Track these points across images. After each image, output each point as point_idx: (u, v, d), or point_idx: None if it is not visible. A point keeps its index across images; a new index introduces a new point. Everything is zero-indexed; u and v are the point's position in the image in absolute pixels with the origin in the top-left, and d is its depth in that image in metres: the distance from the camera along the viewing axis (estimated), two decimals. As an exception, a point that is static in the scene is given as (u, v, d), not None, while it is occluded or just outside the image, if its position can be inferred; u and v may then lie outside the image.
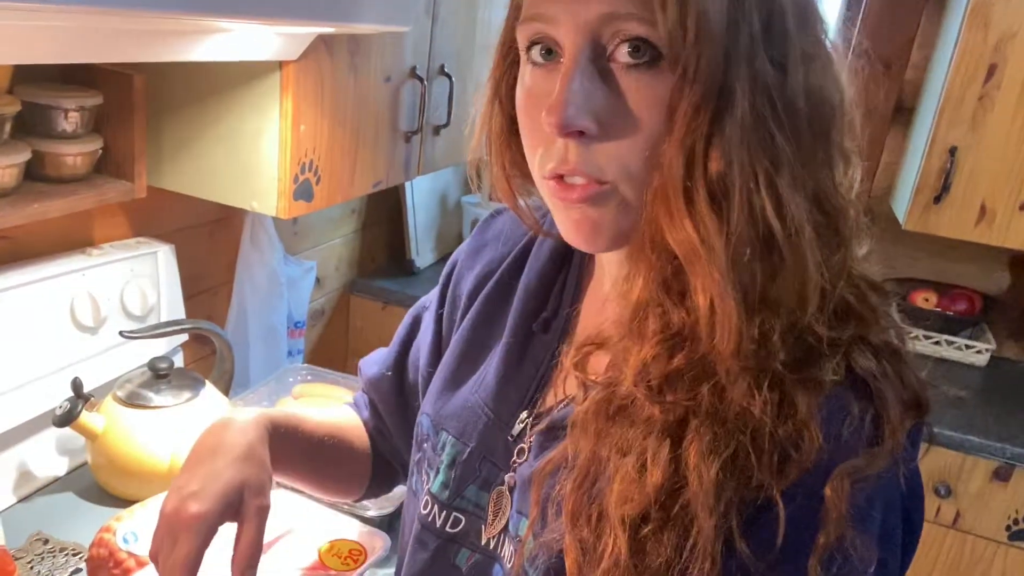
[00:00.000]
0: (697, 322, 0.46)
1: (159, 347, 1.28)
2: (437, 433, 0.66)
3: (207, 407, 1.16)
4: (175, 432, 1.10)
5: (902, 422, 0.47)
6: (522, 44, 0.51)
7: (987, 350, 1.99)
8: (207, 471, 0.61)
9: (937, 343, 2.00)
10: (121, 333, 1.14)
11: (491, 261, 0.70)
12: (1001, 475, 1.65)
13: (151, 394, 1.12)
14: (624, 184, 0.48)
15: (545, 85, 0.49)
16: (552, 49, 0.49)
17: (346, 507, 1.04)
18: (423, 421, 0.69)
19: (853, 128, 0.50)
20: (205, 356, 1.54)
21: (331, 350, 2.04)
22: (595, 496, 0.49)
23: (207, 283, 1.52)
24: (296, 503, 0.91)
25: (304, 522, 0.89)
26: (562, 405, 0.59)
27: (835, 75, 0.48)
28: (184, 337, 1.38)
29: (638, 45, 0.45)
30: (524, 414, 0.61)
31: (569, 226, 0.51)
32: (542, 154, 0.50)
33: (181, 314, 1.34)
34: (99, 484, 1.12)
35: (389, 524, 1.05)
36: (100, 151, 1.10)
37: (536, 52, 0.50)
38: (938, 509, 1.71)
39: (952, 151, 1.75)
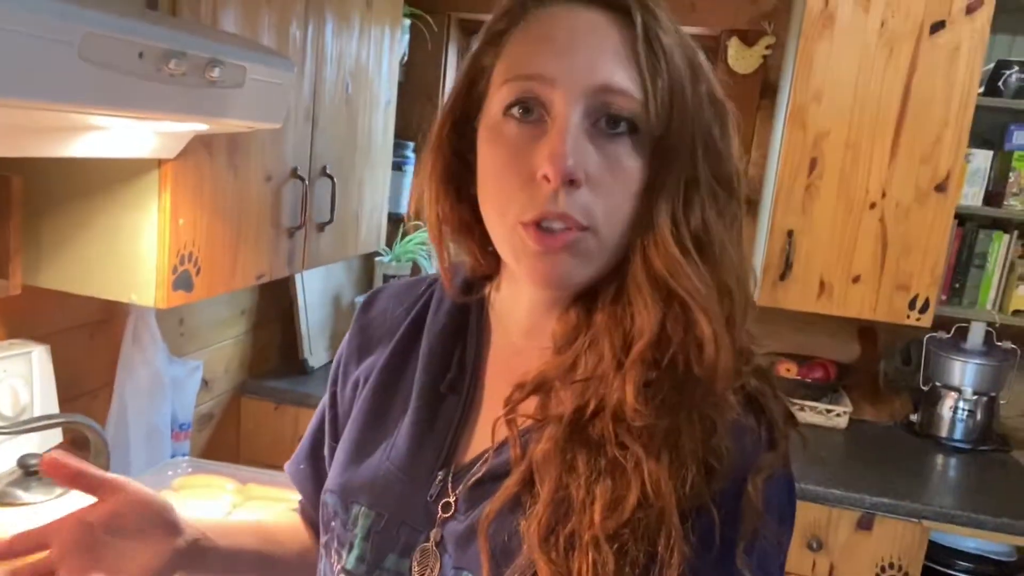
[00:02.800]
0: (681, 352, 0.53)
1: (32, 450, 1.26)
2: (347, 508, 0.66)
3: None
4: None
5: (786, 429, 0.58)
6: (502, 101, 0.56)
7: (845, 413, 2.17)
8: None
9: (802, 409, 2.17)
10: (-11, 428, 1.13)
11: (381, 336, 0.73)
12: (864, 524, 1.78)
13: (20, 492, 1.10)
14: (602, 231, 0.55)
15: (527, 140, 0.55)
16: (532, 108, 0.55)
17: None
18: (328, 500, 0.68)
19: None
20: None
21: (220, 454, 2.00)
22: (561, 521, 0.53)
23: (87, 385, 1.51)
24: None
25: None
26: (490, 455, 0.61)
27: (740, 165, 0.60)
28: (58, 439, 1.35)
29: (618, 119, 0.54)
30: (441, 473, 0.63)
31: (539, 271, 0.56)
32: (520, 204, 0.55)
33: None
34: (-42, 590, 1.06)
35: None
36: (-26, 250, 1.12)
37: (516, 110, 0.55)
38: (813, 564, 1.81)
39: (789, 234, 1.98)
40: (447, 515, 0.61)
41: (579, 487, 0.53)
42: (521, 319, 0.65)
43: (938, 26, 1.87)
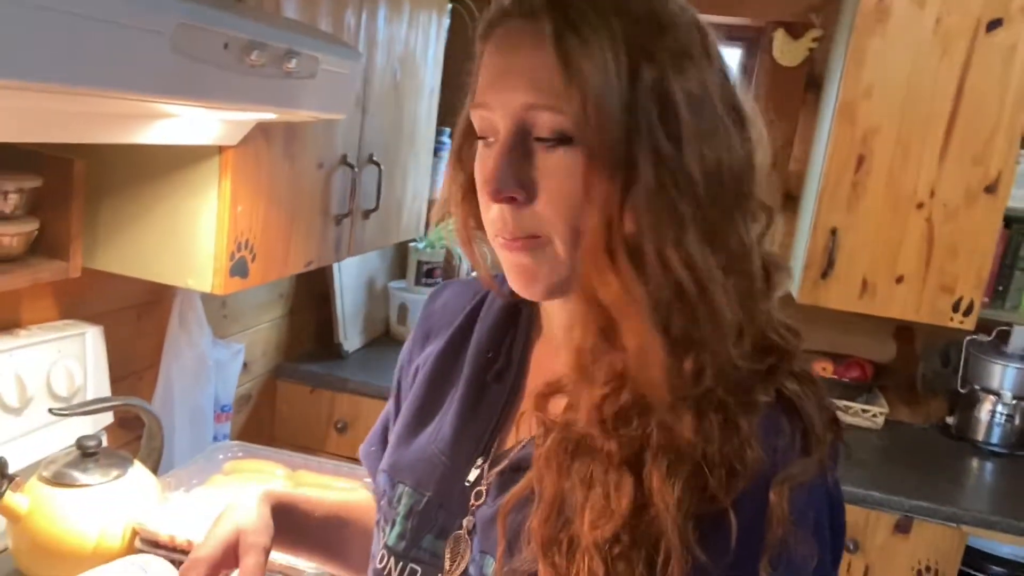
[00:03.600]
0: (628, 361, 0.53)
1: (84, 429, 1.27)
2: (394, 486, 0.69)
3: (136, 485, 1.15)
4: (103, 511, 1.09)
5: (825, 435, 0.56)
6: (476, 128, 0.59)
7: (881, 414, 2.15)
8: (211, 532, 0.72)
9: (838, 409, 2.15)
10: (51, 411, 1.13)
11: (441, 327, 0.76)
12: (902, 527, 1.77)
13: (78, 473, 1.11)
14: (554, 238, 0.56)
15: (488, 161, 0.57)
16: (488, 134, 0.58)
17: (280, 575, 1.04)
18: (379, 479, 0.72)
19: (764, 190, 0.58)
20: (129, 441, 1.51)
21: (257, 436, 2.02)
22: (563, 525, 0.54)
23: (133, 366, 1.52)
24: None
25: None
26: (520, 447, 0.63)
27: (738, 147, 0.56)
28: (109, 420, 1.36)
29: (549, 130, 0.54)
30: (480, 460, 0.65)
31: (511, 273, 0.59)
32: (490, 220, 0.58)
33: (108, 395, 1.33)
34: (20, 570, 1.08)
35: (325, 589, 1.05)
36: (36, 232, 1.12)
37: (480, 135, 0.59)
38: (849, 565, 1.80)
39: (833, 232, 1.95)
40: (479, 502, 0.64)
41: (577, 493, 0.54)
42: (560, 315, 0.66)
43: (995, 24, 1.83)
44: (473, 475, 0.65)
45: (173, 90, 0.70)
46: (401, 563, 0.66)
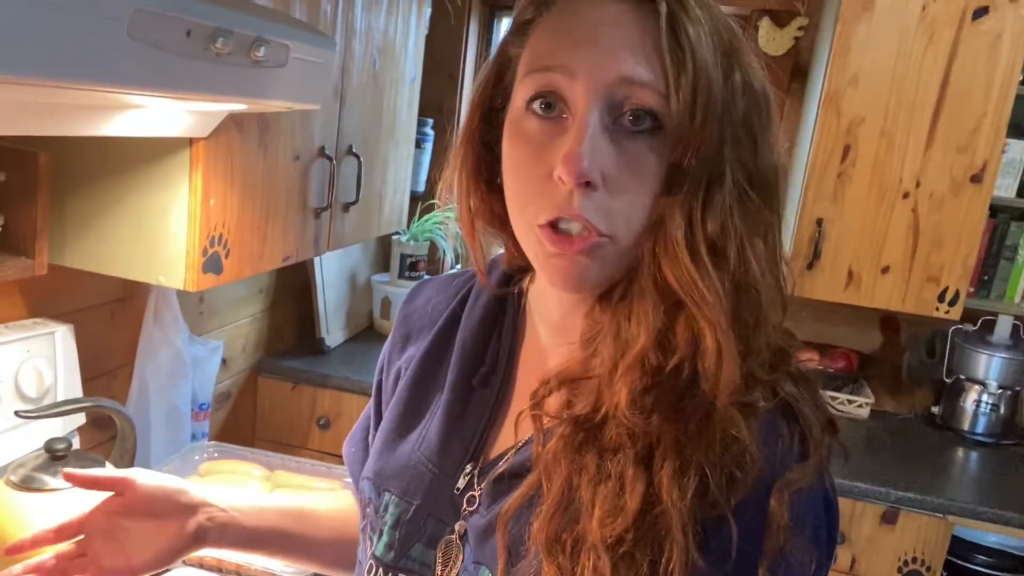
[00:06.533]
0: (687, 360, 0.51)
1: (55, 430, 1.23)
2: (379, 495, 0.66)
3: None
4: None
5: (823, 439, 0.55)
6: (524, 94, 0.54)
7: (867, 404, 2.15)
8: None
9: (832, 409, 2.14)
10: (17, 413, 1.10)
11: (422, 327, 0.73)
12: (888, 518, 1.76)
13: (47, 477, 1.07)
14: (620, 236, 0.53)
15: (547, 137, 0.53)
16: (553, 103, 0.53)
17: (257, 581, 1.02)
18: (363, 486, 0.69)
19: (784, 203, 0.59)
20: (103, 442, 1.48)
21: (238, 433, 1.99)
22: (568, 524, 0.52)
23: (107, 365, 1.48)
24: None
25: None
26: (512, 452, 0.61)
27: (783, 158, 0.57)
28: (81, 421, 1.33)
29: (641, 114, 0.51)
30: (469, 467, 0.63)
31: (555, 272, 0.55)
32: (537, 204, 0.53)
33: (79, 396, 1.30)
34: (-15, 577, 1.05)
35: (303, 594, 1.03)
36: (-1, 228, 1.09)
37: (537, 104, 0.53)
38: (836, 557, 1.80)
39: (819, 222, 1.94)
40: (472, 509, 0.62)
41: (585, 490, 0.52)
42: (552, 314, 0.63)
43: (981, 12, 1.82)
44: (462, 482, 0.63)
45: (132, 80, 0.67)
46: (390, 574, 0.64)
